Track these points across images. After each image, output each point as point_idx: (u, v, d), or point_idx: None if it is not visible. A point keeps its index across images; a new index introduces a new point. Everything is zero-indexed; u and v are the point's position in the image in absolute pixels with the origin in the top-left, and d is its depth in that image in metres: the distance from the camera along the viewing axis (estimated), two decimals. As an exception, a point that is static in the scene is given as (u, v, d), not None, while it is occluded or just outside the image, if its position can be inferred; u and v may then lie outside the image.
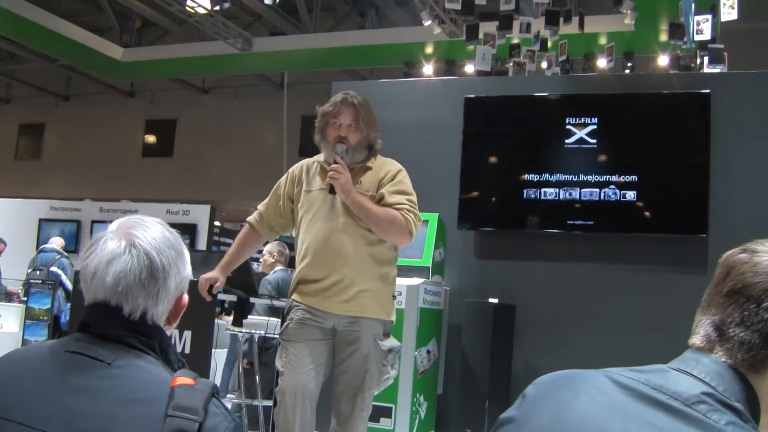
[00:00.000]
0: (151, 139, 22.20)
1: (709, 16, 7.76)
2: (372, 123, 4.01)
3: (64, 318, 10.13)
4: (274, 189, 4.24)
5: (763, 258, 1.41)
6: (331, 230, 3.91)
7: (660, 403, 1.32)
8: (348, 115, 3.96)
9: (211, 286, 4.10)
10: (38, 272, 11.04)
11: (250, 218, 4.25)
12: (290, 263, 8.35)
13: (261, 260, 8.63)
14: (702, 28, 7.75)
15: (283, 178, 4.22)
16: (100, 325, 1.68)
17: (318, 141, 4.06)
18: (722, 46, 8.06)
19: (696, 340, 1.44)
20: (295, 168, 4.20)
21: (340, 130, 3.95)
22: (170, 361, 1.71)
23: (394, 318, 4.03)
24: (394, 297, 4.05)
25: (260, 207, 4.26)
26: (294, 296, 3.97)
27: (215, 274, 4.11)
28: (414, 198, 3.97)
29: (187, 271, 1.81)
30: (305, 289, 3.94)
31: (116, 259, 1.70)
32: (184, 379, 1.58)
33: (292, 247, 8.18)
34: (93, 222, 13.88)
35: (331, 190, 3.91)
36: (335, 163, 3.88)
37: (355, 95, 4.02)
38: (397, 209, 3.86)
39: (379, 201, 3.92)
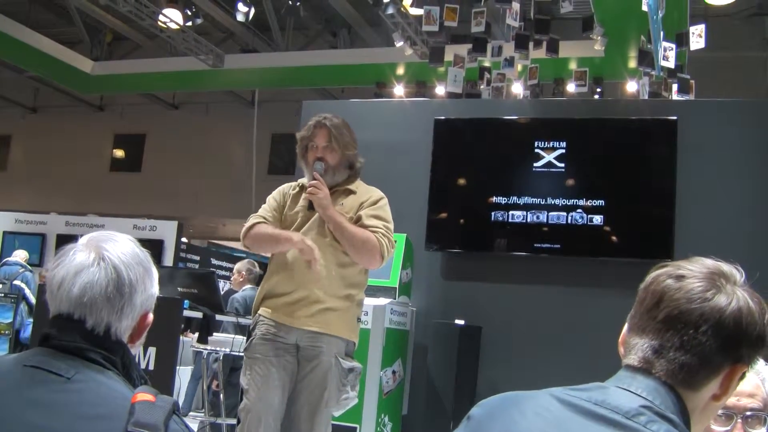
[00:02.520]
0: (119, 153, 22.05)
1: (674, 45, 7.87)
2: (347, 143, 4.05)
3: (23, 333, 9.98)
4: (266, 202, 4.19)
5: (693, 284, 1.49)
6: None
7: (602, 417, 1.39)
8: (322, 136, 4.02)
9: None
10: (0, 285, 10.89)
11: (257, 221, 4.07)
12: (258, 281, 8.34)
13: (232, 278, 8.62)
14: (668, 55, 7.85)
15: (273, 192, 4.23)
16: (61, 337, 1.67)
17: (302, 167, 4.13)
18: (688, 76, 8.18)
19: (632, 361, 1.51)
20: (282, 186, 4.24)
21: (317, 152, 4.02)
22: (132, 378, 1.70)
23: (356, 340, 4.03)
24: (359, 320, 4.05)
25: (261, 212, 4.11)
26: (260, 311, 3.97)
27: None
28: (391, 226, 4.01)
29: (154, 289, 1.81)
30: (271, 303, 3.94)
31: (84, 271, 1.70)
32: (144, 395, 1.57)
33: (261, 265, 8.12)
34: (58, 236, 13.72)
35: (311, 207, 3.95)
36: (314, 180, 3.93)
37: (330, 117, 4.07)
38: (372, 231, 3.90)
39: (356, 222, 3.95)
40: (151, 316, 1.81)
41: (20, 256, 11.74)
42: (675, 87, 8.64)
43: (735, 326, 1.45)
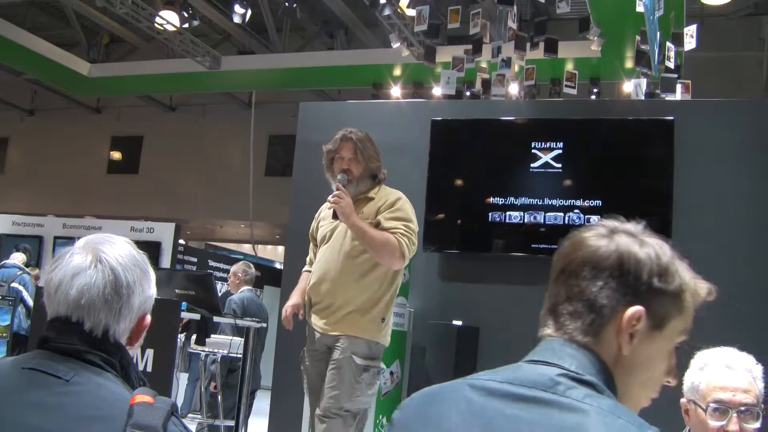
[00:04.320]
0: (116, 155, 22.04)
1: (673, 45, 7.87)
2: (371, 155, 4.33)
3: (25, 331, 9.99)
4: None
5: (578, 235, 1.54)
6: (329, 257, 4.22)
7: (520, 396, 1.36)
8: (348, 149, 4.28)
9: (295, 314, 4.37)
10: (-2, 288, 10.87)
11: (304, 269, 4.54)
12: (256, 283, 8.34)
13: (228, 281, 8.62)
14: (671, 55, 7.86)
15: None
16: (60, 340, 1.67)
17: (329, 178, 4.37)
18: (675, 75, 8.17)
19: (541, 332, 1.53)
20: (321, 208, 4.53)
21: (342, 164, 4.27)
22: (131, 379, 1.70)
23: (381, 340, 4.19)
24: (383, 320, 4.19)
25: (309, 254, 4.56)
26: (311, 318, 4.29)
27: (297, 300, 4.34)
28: (412, 225, 4.23)
29: (152, 291, 1.82)
30: (311, 311, 4.26)
31: (81, 273, 1.70)
32: (143, 397, 1.57)
33: (257, 266, 8.11)
34: (56, 238, 13.70)
35: (335, 216, 4.17)
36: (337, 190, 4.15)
37: (354, 131, 4.34)
38: (392, 233, 4.10)
39: (376, 227, 4.15)
40: (148, 318, 1.82)
41: (18, 258, 11.73)
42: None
43: (616, 267, 1.44)
